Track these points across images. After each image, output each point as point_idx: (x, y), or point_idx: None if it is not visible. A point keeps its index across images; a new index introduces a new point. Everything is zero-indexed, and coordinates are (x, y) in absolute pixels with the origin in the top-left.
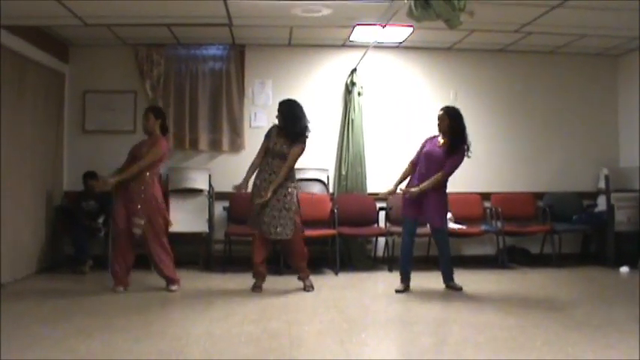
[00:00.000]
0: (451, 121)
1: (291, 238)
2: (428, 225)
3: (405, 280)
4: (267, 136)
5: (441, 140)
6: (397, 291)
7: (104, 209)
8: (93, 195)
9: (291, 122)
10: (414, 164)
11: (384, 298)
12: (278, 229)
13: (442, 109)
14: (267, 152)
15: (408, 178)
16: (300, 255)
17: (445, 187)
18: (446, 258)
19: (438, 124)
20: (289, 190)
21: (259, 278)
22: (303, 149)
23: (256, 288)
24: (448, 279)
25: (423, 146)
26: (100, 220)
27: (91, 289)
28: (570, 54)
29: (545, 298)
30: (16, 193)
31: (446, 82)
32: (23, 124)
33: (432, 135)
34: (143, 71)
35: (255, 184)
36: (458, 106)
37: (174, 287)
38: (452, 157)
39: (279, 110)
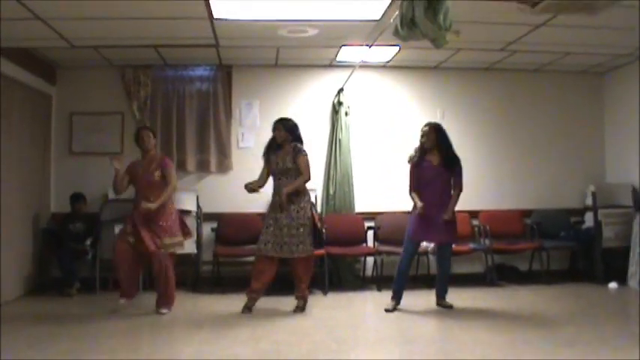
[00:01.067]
0: (439, 136)
1: (308, 255)
2: (424, 243)
3: (396, 298)
4: (267, 158)
5: (432, 159)
6: (387, 310)
7: (91, 231)
8: (80, 217)
9: (298, 134)
10: (416, 190)
11: (374, 318)
12: (300, 247)
13: (427, 125)
14: (270, 174)
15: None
16: (309, 274)
17: None
18: (445, 274)
19: (424, 141)
20: (302, 205)
21: (251, 299)
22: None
23: (246, 309)
24: (441, 297)
25: (417, 172)
26: (88, 242)
27: (79, 311)
28: (555, 72)
29: (534, 316)
30: (2, 214)
31: (432, 100)
32: (10, 146)
33: (413, 158)
34: (130, 92)
35: (268, 213)
36: (444, 124)
37: (165, 310)
38: (457, 171)
39: (284, 126)
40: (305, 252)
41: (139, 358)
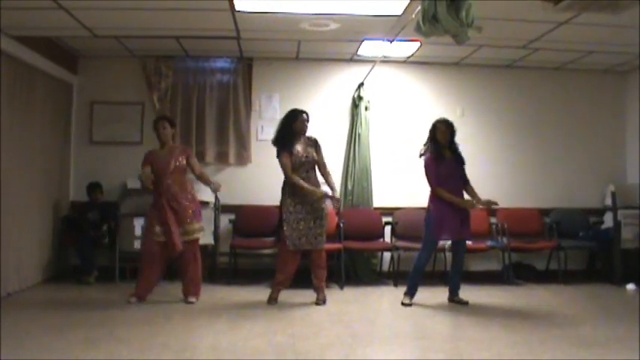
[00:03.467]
0: (453, 132)
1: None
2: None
3: (411, 294)
4: (290, 150)
5: (446, 156)
6: (404, 304)
7: (106, 219)
8: (97, 206)
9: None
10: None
11: (390, 313)
12: (318, 239)
13: (446, 121)
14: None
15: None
16: (324, 266)
17: None
18: (460, 269)
19: (442, 136)
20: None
21: (275, 290)
22: None
23: (272, 300)
24: (454, 293)
25: (436, 168)
26: (104, 227)
27: (96, 299)
28: (578, 70)
29: (551, 315)
30: (22, 202)
31: (453, 97)
32: (31, 134)
33: (425, 154)
34: (151, 83)
35: (286, 202)
36: (465, 121)
37: (193, 299)
38: (464, 167)
39: (303, 119)
40: (320, 245)
41: (155, 346)
